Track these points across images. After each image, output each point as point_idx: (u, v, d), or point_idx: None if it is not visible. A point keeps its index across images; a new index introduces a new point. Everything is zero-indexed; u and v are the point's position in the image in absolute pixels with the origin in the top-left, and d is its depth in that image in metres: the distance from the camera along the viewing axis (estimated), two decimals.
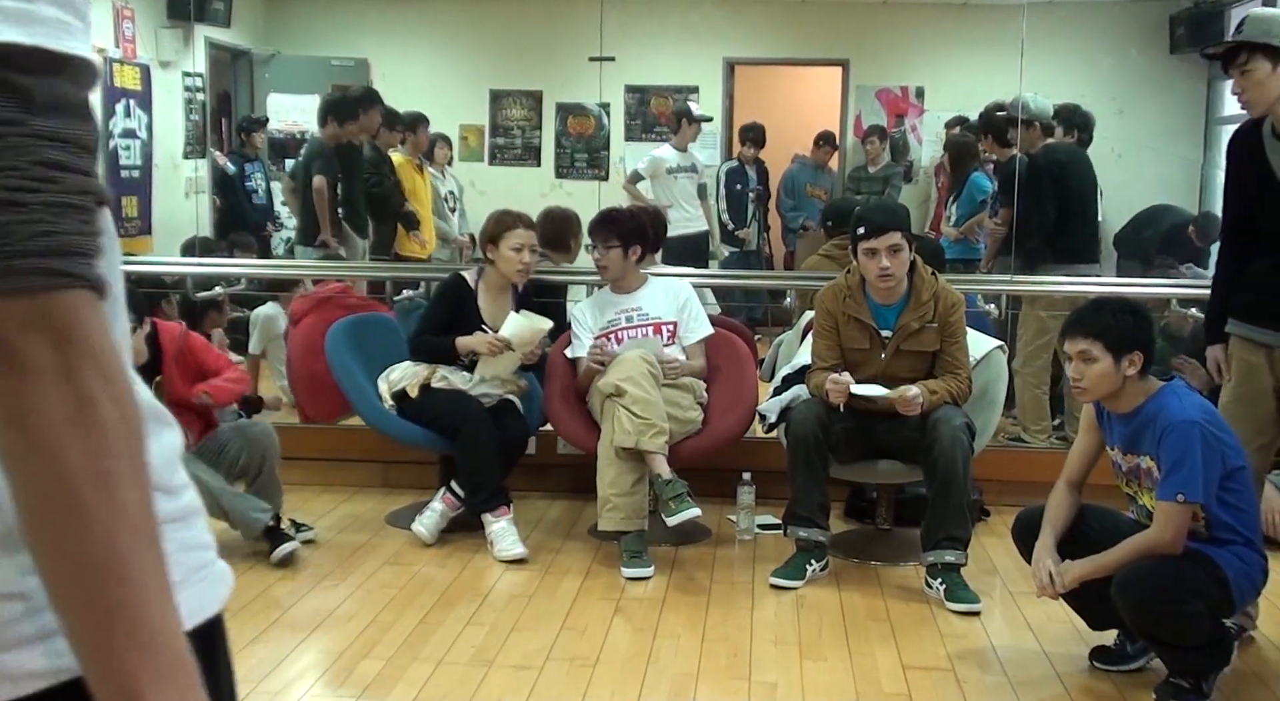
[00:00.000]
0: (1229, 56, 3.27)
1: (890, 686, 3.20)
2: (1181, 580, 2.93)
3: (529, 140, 10.10)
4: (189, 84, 8.76)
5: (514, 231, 4.46)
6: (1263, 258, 3.37)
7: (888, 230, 3.94)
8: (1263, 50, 3.21)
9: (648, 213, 4.85)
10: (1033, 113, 5.80)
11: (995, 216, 6.14)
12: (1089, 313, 3.16)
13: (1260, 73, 3.21)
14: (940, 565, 3.85)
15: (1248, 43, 3.23)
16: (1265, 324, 3.34)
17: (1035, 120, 5.78)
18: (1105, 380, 3.08)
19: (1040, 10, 8.19)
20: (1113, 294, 4.11)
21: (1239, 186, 3.45)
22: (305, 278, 6.22)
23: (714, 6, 9.95)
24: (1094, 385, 3.09)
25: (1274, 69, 3.20)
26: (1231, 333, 3.44)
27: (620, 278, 4.57)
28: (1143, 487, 3.15)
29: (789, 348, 4.69)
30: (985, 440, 4.18)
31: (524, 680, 3.19)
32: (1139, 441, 3.11)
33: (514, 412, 4.50)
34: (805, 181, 9.07)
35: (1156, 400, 3.07)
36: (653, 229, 4.71)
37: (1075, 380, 3.11)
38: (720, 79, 10.02)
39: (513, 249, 4.44)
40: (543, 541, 4.42)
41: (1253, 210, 3.39)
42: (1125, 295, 5.85)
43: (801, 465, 3.96)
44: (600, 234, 4.54)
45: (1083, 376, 3.09)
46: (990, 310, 5.40)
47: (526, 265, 4.48)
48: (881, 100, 9.94)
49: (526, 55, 9.85)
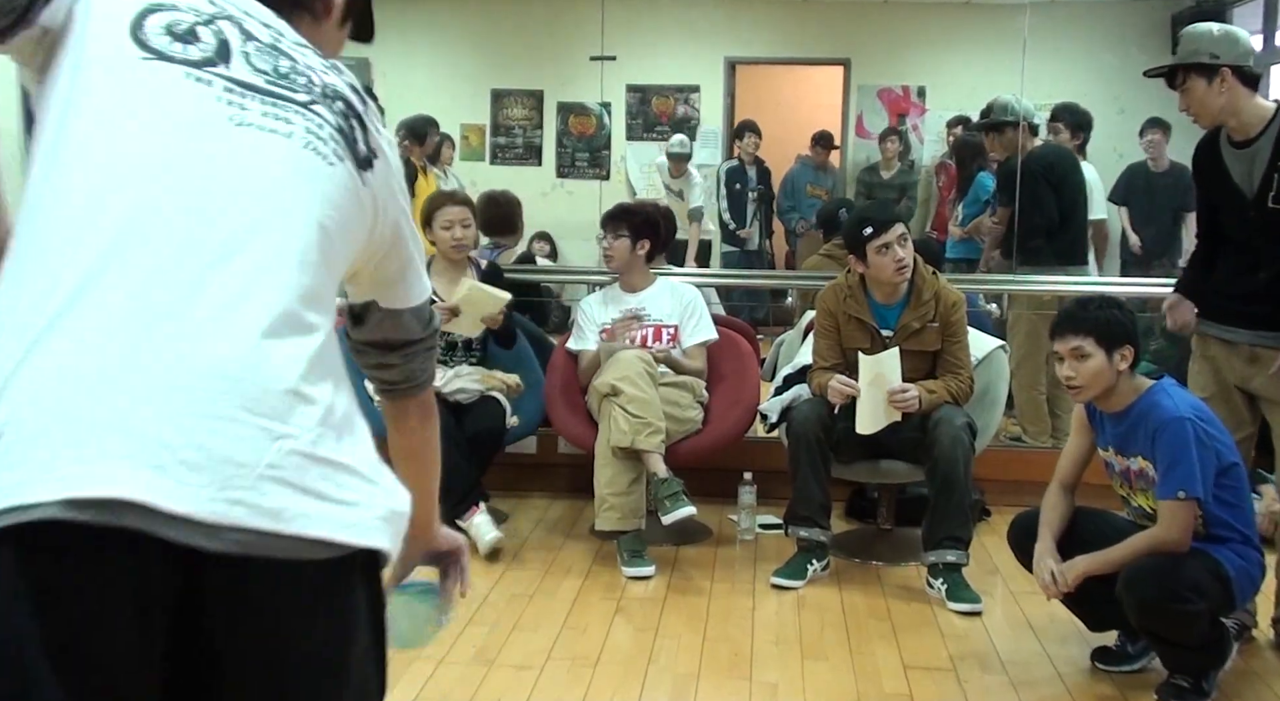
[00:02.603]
0: (1169, 79, 3.37)
1: (891, 686, 3.20)
2: (1187, 578, 2.93)
3: (530, 139, 10.10)
4: None
5: (443, 209, 4.51)
6: (1227, 261, 3.43)
7: (893, 222, 3.99)
8: (1194, 69, 3.30)
9: (660, 210, 4.85)
10: (1016, 114, 5.80)
11: (993, 215, 6.15)
12: (1077, 309, 3.16)
13: (1197, 90, 3.30)
14: (941, 565, 3.85)
15: (1179, 65, 3.32)
16: (1233, 323, 3.39)
17: (1018, 122, 5.78)
18: (1100, 377, 3.07)
19: (1042, 9, 8.19)
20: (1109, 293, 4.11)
21: (1204, 194, 3.52)
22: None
23: (715, 6, 9.95)
24: (1089, 382, 3.09)
25: (1209, 84, 3.28)
26: (1202, 332, 3.50)
27: (626, 270, 4.57)
28: (1136, 489, 3.16)
29: (790, 347, 4.69)
30: (987, 440, 4.18)
31: (525, 679, 3.19)
32: (1131, 442, 3.11)
33: (490, 407, 4.40)
34: (805, 181, 9.06)
35: (1148, 398, 3.08)
36: (664, 226, 4.72)
37: (1069, 379, 3.10)
38: (721, 78, 10.02)
39: (443, 227, 4.48)
40: (544, 541, 4.43)
41: (1216, 217, 3.46)
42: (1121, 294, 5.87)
43: (803, 465, 3.96)
44: (611, 224, 4.55)
45: (1077, 374, 3.08)
46: (992, 309, 5.40)
47: (459, 241, 4.50)
48: (883, 100, 9.94)
49: (528, 54, 9.85)
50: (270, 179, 1.19)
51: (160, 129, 1.17)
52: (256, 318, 1.12)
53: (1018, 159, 5.63)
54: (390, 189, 1.33)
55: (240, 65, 1.23)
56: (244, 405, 1.09)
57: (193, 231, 1.13)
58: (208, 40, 1.22)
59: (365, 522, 1.15)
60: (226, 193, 1.16)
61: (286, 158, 1.21)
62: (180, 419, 1.06)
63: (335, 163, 1.24)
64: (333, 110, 1.27)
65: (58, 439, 1.02)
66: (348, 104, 1.30)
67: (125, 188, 1.13)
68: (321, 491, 1.12)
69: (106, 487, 1.01)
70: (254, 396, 1.09)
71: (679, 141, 8.59)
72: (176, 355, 1.08)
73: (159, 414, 1.05)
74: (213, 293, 1.11)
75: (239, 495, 1.06)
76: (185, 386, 1.07)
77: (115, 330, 1.07)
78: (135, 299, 1.09)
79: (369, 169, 1.29)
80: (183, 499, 1.03)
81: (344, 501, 1.13)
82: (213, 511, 1.04)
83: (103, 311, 1.08)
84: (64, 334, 1.06)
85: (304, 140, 1.22)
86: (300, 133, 1.22)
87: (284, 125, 1.22)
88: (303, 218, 1.19)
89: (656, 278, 4.66)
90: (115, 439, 1.03)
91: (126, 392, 1.05)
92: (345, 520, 1.13)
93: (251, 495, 1.06)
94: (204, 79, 1.20)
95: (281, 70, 1.25)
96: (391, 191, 1.33)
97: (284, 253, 1.16)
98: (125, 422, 1.04)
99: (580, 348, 4.55)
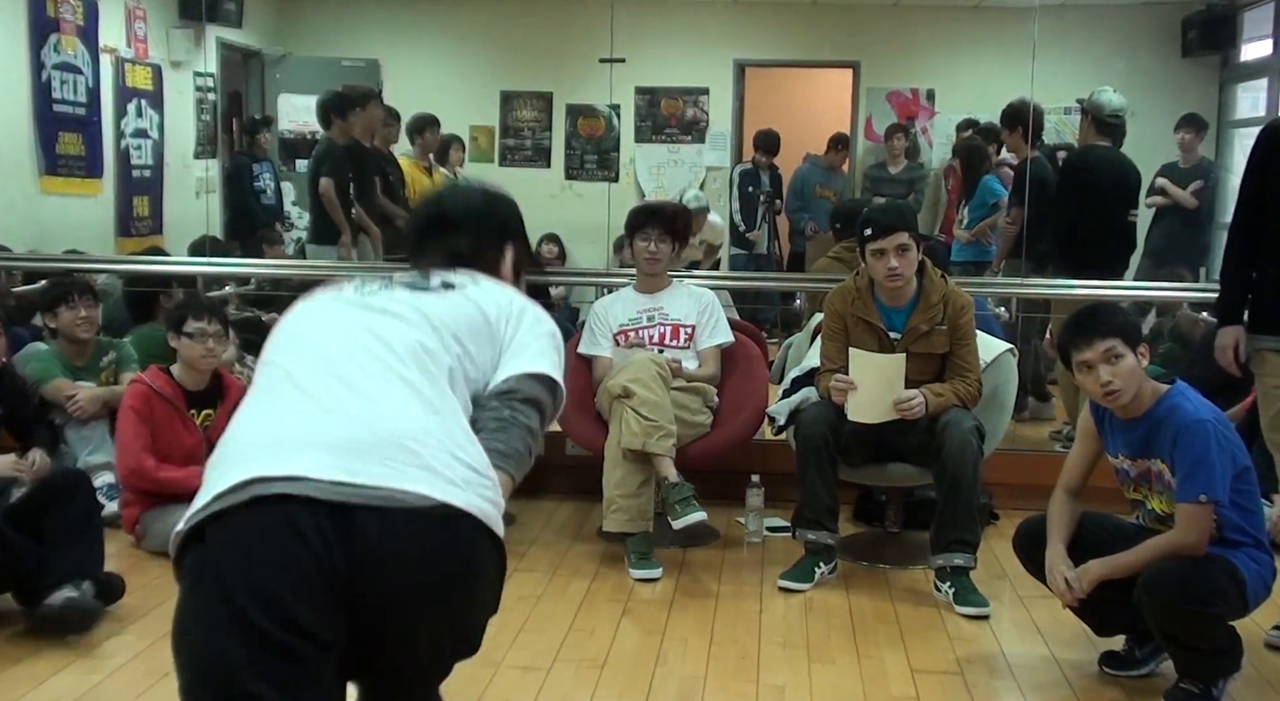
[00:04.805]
0: None
1: (899, 690, 3.20)
2: (1207, 582, 2.91)
3: (539, 141, 10.11)
4: (200, 84, 8.78)
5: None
6: (1275, 263, 3.35)
7: (895, 230, 3.92)
8: None
9: (680, 209, 4.85)
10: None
11: (1008, 215, 6.16)
12: (1100, 313, 3.14)
13: None
14: (949, 568, 3.84)
15: None
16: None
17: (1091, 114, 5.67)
18: (1134, 375, 3.04)
19: (1052, 13, 8.17)
20: (1124, 297, 4.10)
21: (1261, 186, 3.42)
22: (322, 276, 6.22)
23: (724, 8, 9.96)
24: (1127, 382, 3.04)
25: None
26: (1264, 349, 3.42)
27: (663, 273, 4.57)
28: (1153, 492, 3.14)
29: (798, 350, 4.68)
30: (995, 443, 4.17)
31: (532, 681, 3.19)
32: (1151, 445, 3.09)
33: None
34: (815, 182, 9.05)
35: (1167, 402, 3.06)
36: (684, 227, 4.72)
37: (1108, 384, 3.04)
38: (731, 80, 10.02)
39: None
40: (551, 542, 4.43)
41: (1269, 207, 3.38)
42: (1137, 298, 5.84)
43: (811, 467, 3.95)
44: (655, 227, 4.53)
45: (1115, 377, 3.03)
46: (1001, 313, 5.39)
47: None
48: (892, 102, 9.93)
49: (537, 57, 9.86)
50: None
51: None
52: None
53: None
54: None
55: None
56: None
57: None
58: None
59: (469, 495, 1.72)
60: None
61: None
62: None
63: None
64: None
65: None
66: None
67: None
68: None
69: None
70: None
71: (694, 197, 8.08)
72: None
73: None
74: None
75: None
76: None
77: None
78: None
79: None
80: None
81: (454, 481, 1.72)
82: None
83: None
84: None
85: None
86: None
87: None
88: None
89: (673, 280, 4.66)
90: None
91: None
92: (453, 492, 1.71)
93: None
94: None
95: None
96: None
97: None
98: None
99: (593, 353, 4.54)
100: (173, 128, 8.41)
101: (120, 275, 5.85)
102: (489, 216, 2.16)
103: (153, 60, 8.19)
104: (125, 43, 7.87)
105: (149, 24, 8.15)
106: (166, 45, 8.37)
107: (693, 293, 4.62)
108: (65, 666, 3.21)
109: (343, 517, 1.57)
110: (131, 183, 7.93)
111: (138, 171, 8.03)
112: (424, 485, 1.64)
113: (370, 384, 1.72)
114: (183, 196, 8.45)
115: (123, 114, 7.82)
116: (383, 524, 1.59)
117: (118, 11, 7.77)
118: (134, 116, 7.96)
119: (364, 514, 1.59)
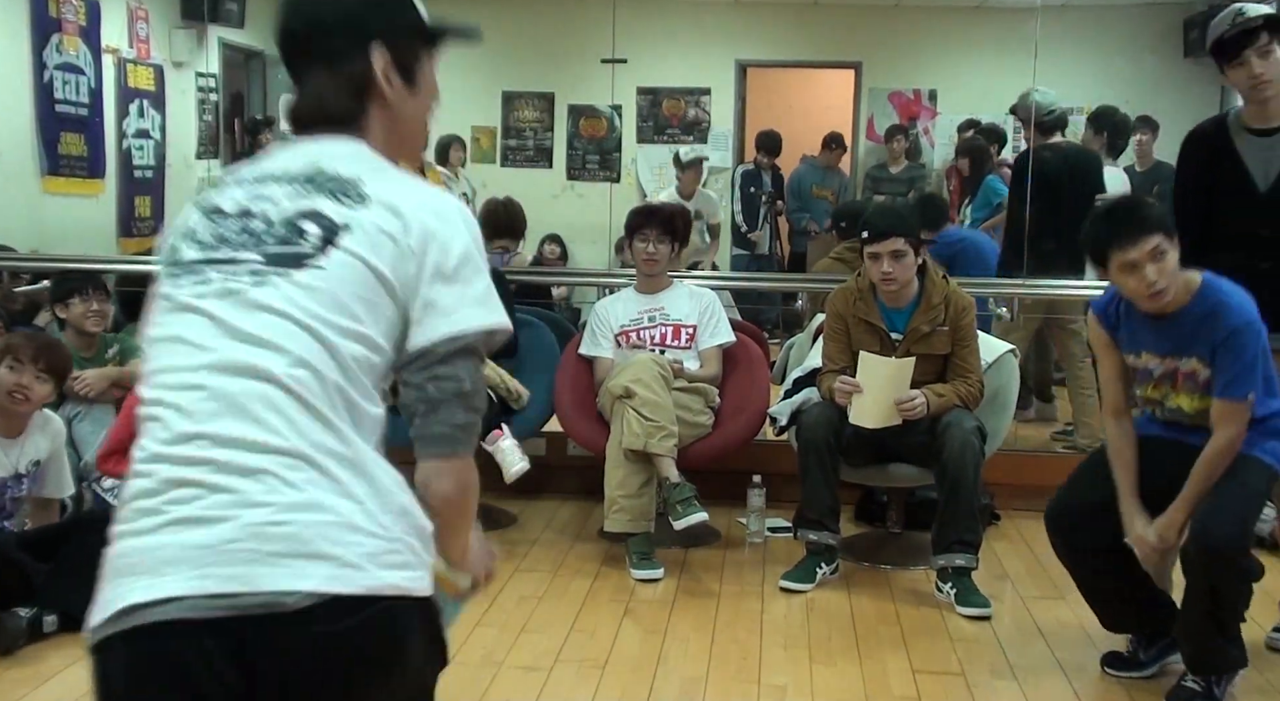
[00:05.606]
0: (1244, 41, 3.16)
1: (900, 690, 3.20)
2: (1249, 520, 2.94)
3: (541, 142, 10.12)
4: (202, 84, 8.78)
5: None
6: (1221, 256, 3.21)
7: (889, 235, 3.91)
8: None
9: (679, 209, 4.86)
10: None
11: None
12: (1142, 208, 3.00)
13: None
14: (951, 569, 3.84)
15: (1274, 20, 3.12)
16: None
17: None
18: (1177, 273, 2.94)
19: (1054, 13, 8.17)
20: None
21: (1199, 184, 3.38)
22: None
23: (726, 8, 9.96)
24: (1171, 279, 2.92)
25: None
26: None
27: (662, 273, 4.58)
28: (1181, 390, 3.06)
29: (800, 350, 4.68)
30: (996, 444, 4.17)
31: (533, 681, 3.19)
32: (1189, 344, 2.99)
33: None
34: (812, 182, 9.06)
35: (1208, 298, 2.96)
36: (683, 227, 4.72)
37: (1154, 284, 2.88)
38: (732, 81, 10.02)
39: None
40: (552, 543, 4.43)
41: (1214, 212, 3.34)
42: None
43: (812, 468, 3.95)
44: (655, 228, 4.53)
45: (1160, 276, 2.90)
46: (1001, 313, 5.38)
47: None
48: (894, 103, 9.94)
49: (539, 57, 9.86)
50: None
51: None
52: None
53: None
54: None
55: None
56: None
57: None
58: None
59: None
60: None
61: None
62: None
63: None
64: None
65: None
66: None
67: None
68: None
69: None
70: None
71: (689, 150, 8.14)
72: None
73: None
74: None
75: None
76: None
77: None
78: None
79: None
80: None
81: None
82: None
83: None
84: None
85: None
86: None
87: None
88: None
89: (674, 280, 4.66)
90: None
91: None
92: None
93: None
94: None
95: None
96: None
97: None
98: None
99: (594, 354, 4.54)
100: (175, 128, 8.41)
101: (121, 275, 5.85)
102: (342, 16, 1.70)
103: (155, 60, 8.19)
104: (127, 43, 7.87)
105: (151, 24, 8.15)
106: (168, 45, 8.37)
107: (694, 293, 4.62)
108: (65, 666, 3.21)
109: (227, 636, 1.42)
110: (133, 183, 7.94)
111: (140, 172, 8.03)
112: (309, 579, 1.43)
113: (245, 457, 1.46)
114: (185, 197, 8.41)
115: (125, 114, 7.82)
116: (271, 634, 1.42)
117: (120, 12, 7.77)
118: (136, 117, 7.96)
119: (247, 626, 1.42)
